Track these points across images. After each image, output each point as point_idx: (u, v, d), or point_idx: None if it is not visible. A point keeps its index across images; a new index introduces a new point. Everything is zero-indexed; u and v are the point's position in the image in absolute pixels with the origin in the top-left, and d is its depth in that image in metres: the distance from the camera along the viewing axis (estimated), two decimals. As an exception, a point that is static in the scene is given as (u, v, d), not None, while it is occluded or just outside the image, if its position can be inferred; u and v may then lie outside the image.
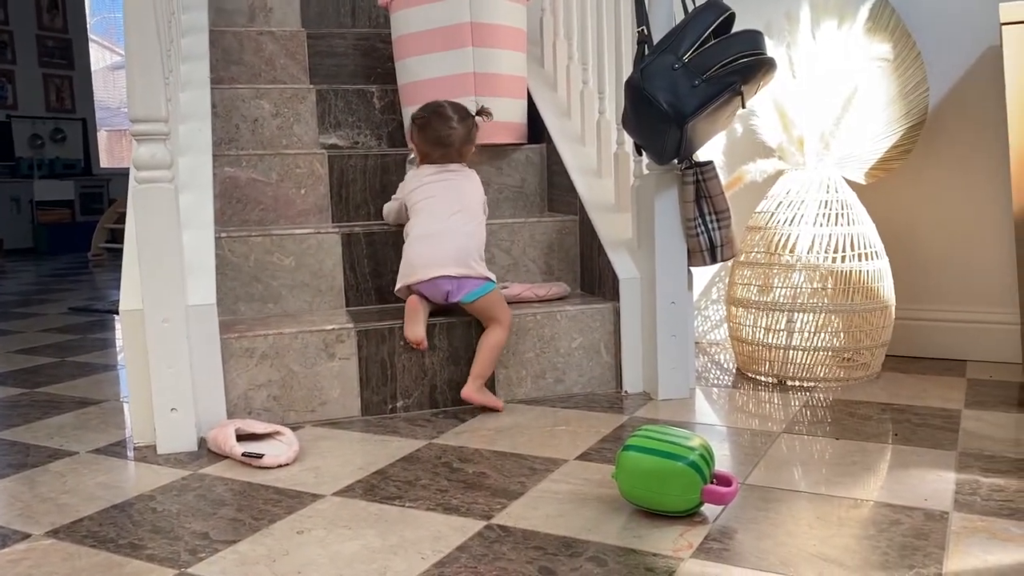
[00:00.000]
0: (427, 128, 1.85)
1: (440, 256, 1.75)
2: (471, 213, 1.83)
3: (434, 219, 1.80)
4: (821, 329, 1.88)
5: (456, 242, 1.77)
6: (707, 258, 1.78)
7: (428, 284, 1.75)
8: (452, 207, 1.80)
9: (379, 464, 1.45)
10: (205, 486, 1.37)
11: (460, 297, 1.75)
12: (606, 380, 1.89)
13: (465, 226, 1.80)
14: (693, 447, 1.19)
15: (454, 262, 1.75)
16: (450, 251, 1.75)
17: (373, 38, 2.63)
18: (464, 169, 1.89)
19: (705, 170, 1.74)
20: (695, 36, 1.61)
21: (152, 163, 1.50)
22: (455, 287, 1.75)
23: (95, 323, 3.19)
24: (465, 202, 1.83)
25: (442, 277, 1.74)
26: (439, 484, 1.35)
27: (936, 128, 2.05)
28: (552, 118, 2.35)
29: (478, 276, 1.76)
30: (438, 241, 1.77)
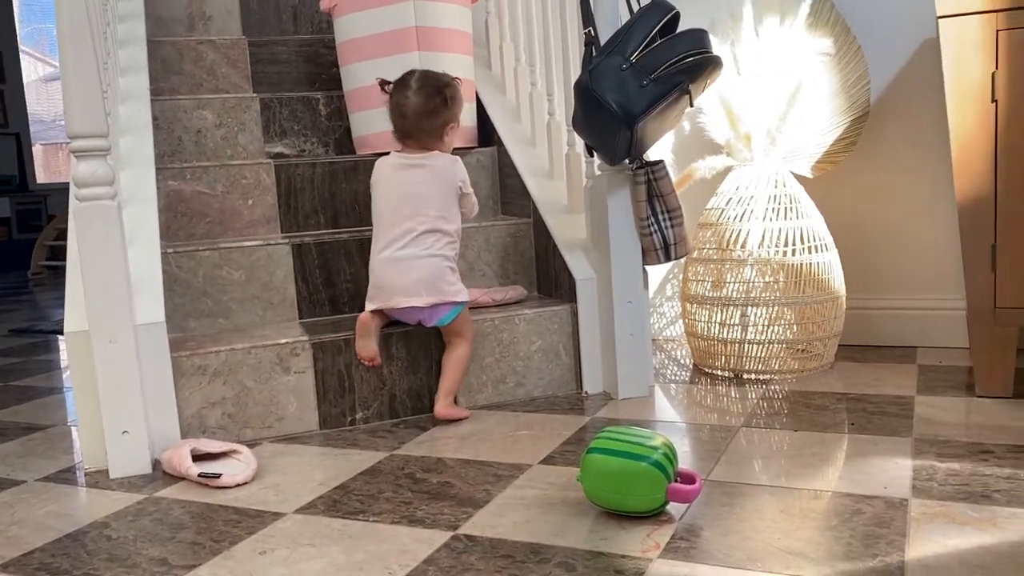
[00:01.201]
0: (390, 100, 1.76)
1: (410, 285, 1.69)
2: (438, 221, 1.71)
3: (397, 236, 1.70)
4: (774, 322, 1.90)
5: (425, 270, 1.69)
6: (661, 256, 1.79)
7: (399, 311, 1.72)
8: (416, 219, 1.70)
9: (341, 478, 1.42)
10: (161, 510, 1.34)
11: (433, 323, 1.72)
12: (566, 382, 1.89)
13: (434, 245, 1.70)
14: (656, 446, 1.19)
15: (426, 291, 1.69)
16: (420, 279, 1.69)
17: (317, 44, 2.60)
18: (432, 158, 1.74)
19: (656, 169, 1.75)
20: (641, 36, 1.61)
21: (93, 179, 1.46)
22: (427, 315, 1.71)
23: (38, 344, 3.10)
24: (433, 210, 1.71)
25: (413, 308, 1.70)
26: (403, 496, 1.33)
27: (879, 120, 2.09)
28: (502, 121, 2.34)
29: (450, 302, 1.71)
30: (406, 268, 1.69)
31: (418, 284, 1.69)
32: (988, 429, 1.47)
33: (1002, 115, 1.57)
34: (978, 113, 1.58)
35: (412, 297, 1.69)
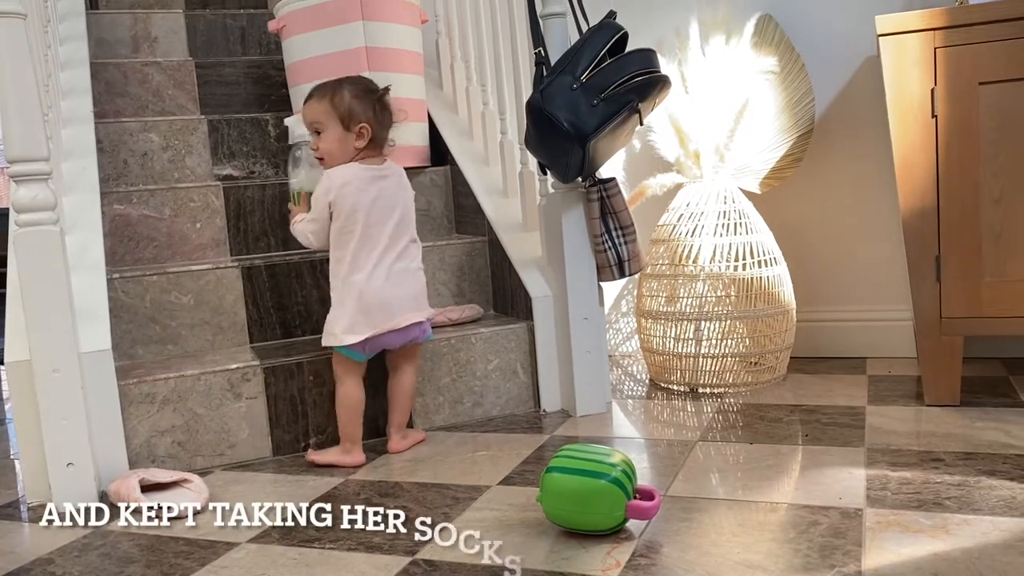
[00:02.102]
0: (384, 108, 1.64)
1: (410, 300, 1.60)
2: (414, 231, 1.66)
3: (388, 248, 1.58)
4: (727, 336, 1.92)
5: (419, 283, 1.64)
6: (615, 272, 1.80)
7: (399, 331, 1.59)
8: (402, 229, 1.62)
9: (295, 506, 1.39)
10: (109, 543, 1.29)
11: (422, 339, 1.67)
12: (524, 400, 1.88)
13: (417, 256, 1.65)
14: (615, 463, 1.19)
15: (421, 304, 1.64)
16: (418, 293, 1.63)
17: (265, 65, 2.57)
18: (391, 166, 1.64)
19: (609, 187, 1.77)
20: (591, 56, 1.63)
21: (33, 205, 1.42)
22: (420, 331, 1.64)
23: (-22, 375, 2.99)
24: (412, 219, 1.66)
25: (413, 325, 1.61)
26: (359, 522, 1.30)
27: (824, 136, 2.14)
28: (454, 140, 2.34)
29: (430, 316, 1.67)
30: (404, 282, 1.60)
31: (417, 298, 1.63)
32: (938, 437, 1.50)
33: (942, 129, 1.61)
34: (919, 128, 1.63)
35: (415, 312, 1.60)
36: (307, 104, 1.60)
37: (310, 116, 1.59)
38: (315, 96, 1.59)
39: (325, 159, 1.59)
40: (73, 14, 2.31)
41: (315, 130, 1.59)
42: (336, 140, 1.58)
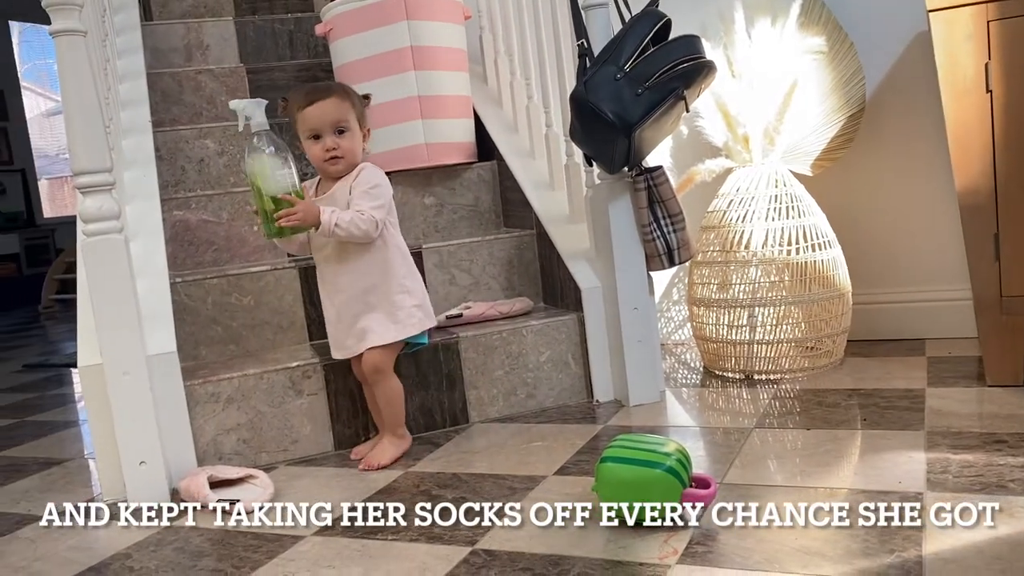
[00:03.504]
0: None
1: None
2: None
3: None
4: (782, 321, 1.90)
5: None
6: (665, 262, 1.80)
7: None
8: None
9: (357, 499, 1.43)
10: (182, 538, 1.35)
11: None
12: (577, 391, 1.90)
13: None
14: (669, 453, 1.19)
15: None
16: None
17: (314, 68, 2.62)
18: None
19: (656, 175, 1.77)
20: (634, 45, 1.63)
21: (99, 215, 1.48)
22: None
23: (51, 379, 3.12)
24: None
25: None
26: (420, 513, 1.33)
27: (875, 115, 2.10)
28: (500, 134, 2.36)
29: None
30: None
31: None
32: (1000, 419, 1.47)
33: (998, 105, 1.57)
34: (974, 104, 1.59)
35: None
36: (327, 101, 1.53)
37: (335, 115, 1.54)
38: (336, 95, 1.55)
39: (344, 159, 1.55)
40: (129, 27, 2.38)
41: (338, 129, 1.54)
42: (357, 139, 1.57)
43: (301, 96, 1.56)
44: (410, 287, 1.60)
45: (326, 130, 1.54)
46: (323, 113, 1.53)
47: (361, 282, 1.57)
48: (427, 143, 2.20)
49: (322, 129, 1.54)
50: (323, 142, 1.54)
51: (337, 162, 1.55)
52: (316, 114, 1.53)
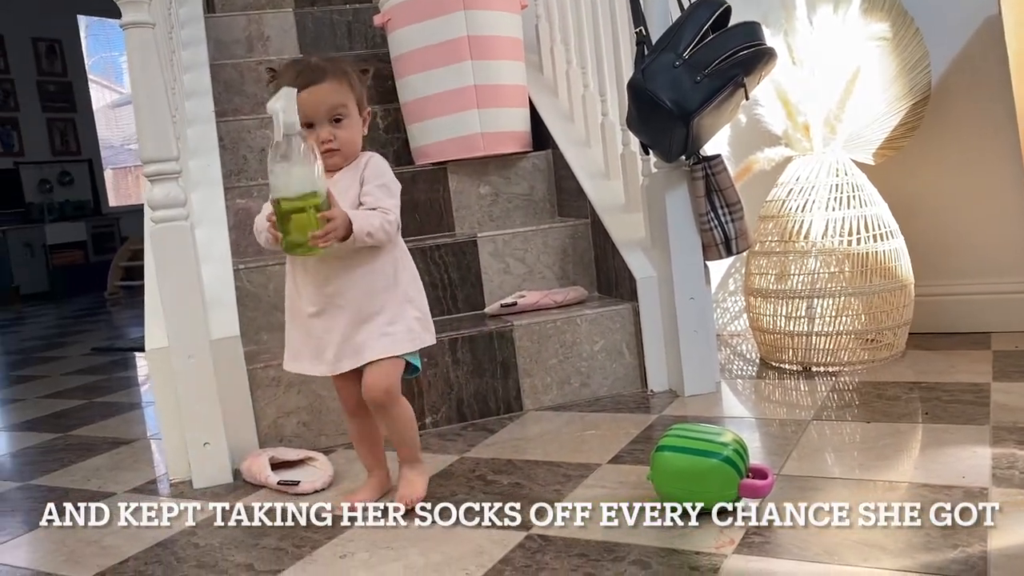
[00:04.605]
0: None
1: None
2: None
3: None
4: (842, 313, 1.87)
5: None
6: (722, 251, 1.79)
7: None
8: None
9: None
10: (244, 517, 1.38)
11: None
12: (631, 380, 1.89)
13: None
14: (726, 443, 1.19)
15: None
16: None
17: (371, 58, 2.65)
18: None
19: (713, 164, 1.75)
20: (693, 32, 1.61)
21: (167, 202, 1.52)
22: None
23: (118, 362, 3.22)
24: None
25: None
26: (476, 498, 1.35)
27: (941, 102, 2.04)
28: (555, 124, 2.36)
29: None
30: None
31: None
32: (1071, 414, 1.43)
33: (1072, 91, 1.52)
34: (1046, 90, 1.54)
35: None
36: (322, 87, 1.27)
37: (331, 100, 1.28)
38: (331, 77, 1.29)
39: (341, 151, 1.30)
40: (193, 20, 2.44)
41: (335, 117, 1.29)
42: (357, 127, 1.32)
43: (291, 75, 1.28)
44: (414, 296, 1.35)
45: (320, 119, 1.28)
46: (317, 101, 1.27)
47: (363, 287, 1.29)
48: (483, 132, 2.21)
49: (315, 117, 1.27)
50: (316, 133, 1.28)
51: (333, 155, 1.29)
52: (309, 101, 1.25)
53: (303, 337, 1.34)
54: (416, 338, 1.33)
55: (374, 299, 1.30)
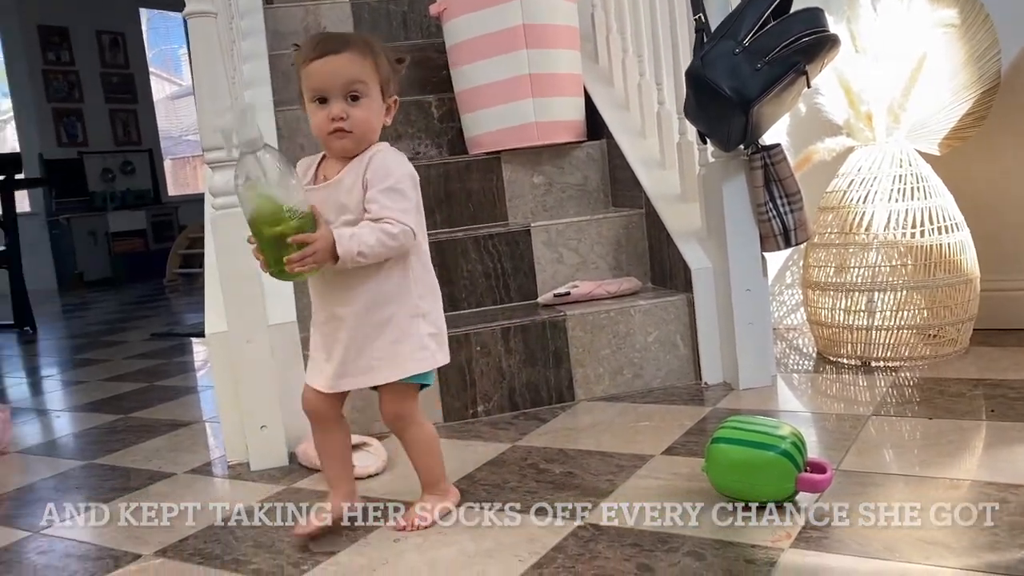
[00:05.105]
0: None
1: None
2: None
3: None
4: (903, 307, 1.83)
5: None
6: (780, 242, 1.76)
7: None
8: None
9: (466, 469, 1.46)
10: (301, 498, 1.41)
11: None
12: (685, 372, 1.87)
13: None
14: (784, 435, 1.17)
15: None
16: None
17: (427, 48, 2.66)
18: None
19: (773, 153, 1.72)
20: (754, 19, 1.58)
21: (227, 189, 1.55)
22: None
23: (176, 347, 3.30)
24: None
25: None
26: (527, 486, 1.35)
27: (1011, 90, 1.97)
28: (610, 113, 2.34)
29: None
30: None
31: None
32: None
33: None
34: (1126, 77, 1.48)
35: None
36: (341, 56, 1.15)
37: (349, 74, 1.15)
38: (354, 48, 1.16)
39: (354, 133, 1.16)
40: (252, 10, 2.47)
41: (351, 94, 1.16)
42: (376, 112, 1.18)
43: (311, 45, 1.17)
44: (427, 310, 1.22)
45: (335, 93, 1.15)
46: (333, 71, 1.14)
47: (365, 299, 1.18)
48: (537, 121, 2.20)
49: (330, 91, 1.15)
50: (329, 108, 1.16)
51: (344, 136, 1.16)
52: (324, 71, 1.14)
53: (317, 342, 1.25)
54: (428, 358, 1.21)
55: (377, 312, 1.18)
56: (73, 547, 1.32)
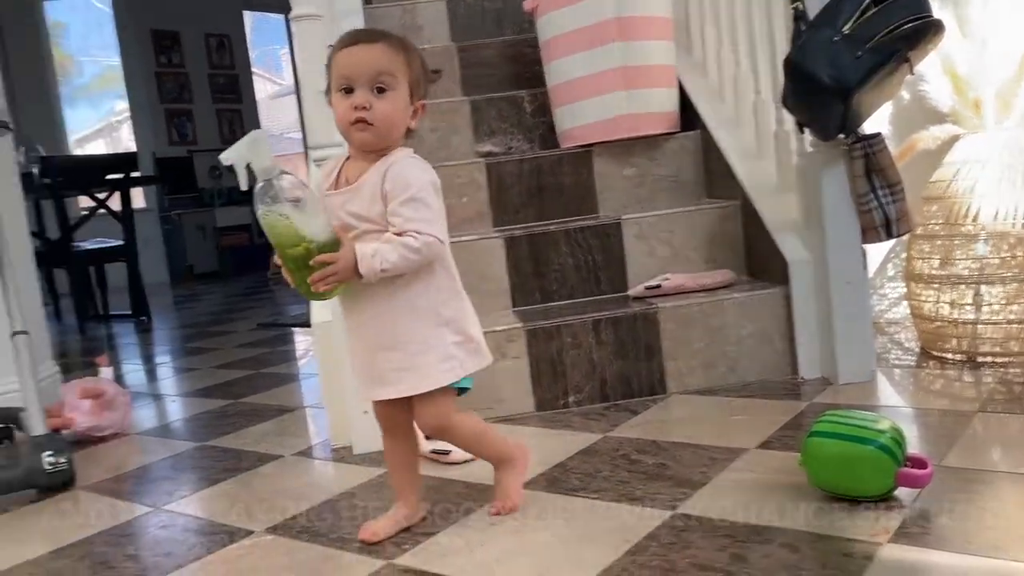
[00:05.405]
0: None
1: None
2: None
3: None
4: (1013, 300, 1.76)
5: None
6: (882, 234, 1.71)
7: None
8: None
9: (558, 458, 1.49)
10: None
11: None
12: (781, 367, 1.85)
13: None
14: (883, 429, 1.15)
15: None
16: None
17: (520, 44, 2.69)
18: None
19: (873, 142, 1.68)
20: (854, 6, 1.55)
21: (331, 185, 1.61)
22: None
23: (279, 337, 3.43)
24: None
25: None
26: (620, 476, 1.37)
27: None
28: (704, 104, 2.32)
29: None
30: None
31: None
32: None
33: None
34: None
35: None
36: (373, 46, 1.13)
37: (379, 63, 1.12)
38: (387, 42, 1.14)
39: (376, 127, 1.12)
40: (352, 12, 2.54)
41: (378, 86, 1.12)
42: (401, 108, 1.14)
43: (345, 37, 1.16)
44: (450, 317, 1.17)
45: (362, 82, 1.11)
46: (362, 60, 1.12)
47: (383, 308, 1.15)
48: (629, 114, 2.20)
49: (357, 79, 1.11)
50: (353, 98, 1.12)
51: (365, 128, 1.12)
52: (353, 59, 1.12)
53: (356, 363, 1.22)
54: (455, 368, 1.17)
55: (401, 321, 1.14)
56: (191, 522, 1.41)
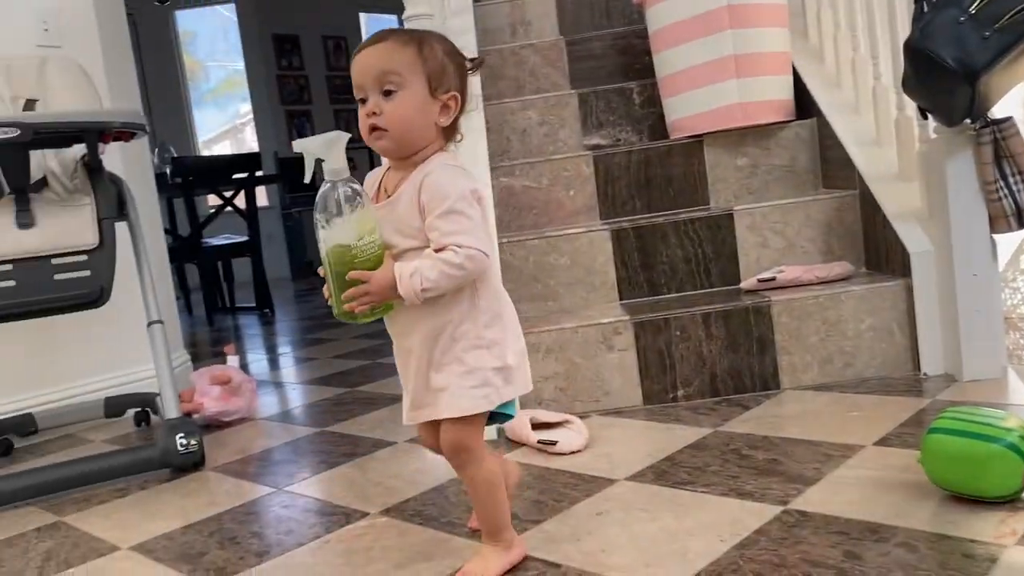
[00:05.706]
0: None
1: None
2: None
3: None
4: None
5: None
6: (1013, 223, 1.62)
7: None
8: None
9: (667, 451, 1.48)
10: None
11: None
12: (901, 362, 1.78)
13: None
14: (1011, 427, 1.10)
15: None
16: None
17: (629, 35, 2.68)
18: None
19: (1004, 127, 1.59)
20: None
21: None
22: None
23: (394, 329, 3.53)
24: None
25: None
26: (729, 470, 1.35)
27: None
28: (820, 91, 2.25)
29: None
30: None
31: None
32: None
33: None
34: None
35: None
36: (376, 48, 1.04)
37: (381, 64, 1.03)
38: (391, 39, 1.05)
39: (389, 132, 1.04)
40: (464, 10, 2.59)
41: (384, 87, 1.03)
42: (417, 106, 1.04)
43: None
44: (491, 340, 1.08)
45: (369, 87, 1.04)
46: (366, 64, 1.04)
47: (429, 327, 1.07)
48: (742, 102, 2.16)
49: (365, 86, 1.04)
50: (366, 105, 1.05)
51: (380, 136, 1.05)
52: (359, 67, 1.05)
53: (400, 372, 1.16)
54: (489, 395, 1.07)
55: (440, 343, 1.07)
56: (311, 503, 1.48)
